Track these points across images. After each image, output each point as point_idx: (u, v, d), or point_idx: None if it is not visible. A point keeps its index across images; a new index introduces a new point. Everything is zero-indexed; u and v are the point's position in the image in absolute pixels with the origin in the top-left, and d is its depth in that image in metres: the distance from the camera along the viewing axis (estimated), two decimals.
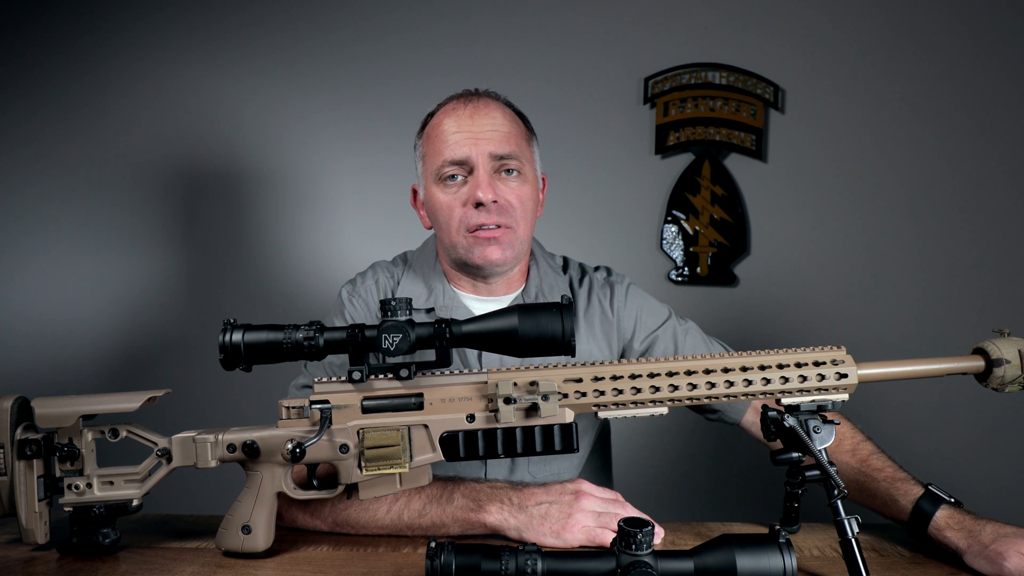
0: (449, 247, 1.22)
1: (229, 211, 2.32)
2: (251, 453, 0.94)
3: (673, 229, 2.30)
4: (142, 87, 2.30)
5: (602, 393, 0.91)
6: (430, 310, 1.24)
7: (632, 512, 1.02)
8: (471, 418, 0.92)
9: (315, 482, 0.98)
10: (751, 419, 1.24)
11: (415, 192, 1.31)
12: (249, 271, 2.32)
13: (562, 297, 0.92)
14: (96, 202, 2.30)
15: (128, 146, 2.30)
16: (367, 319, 1.24)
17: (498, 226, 1.17)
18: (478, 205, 1.16)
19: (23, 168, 2.29)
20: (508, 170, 1.19)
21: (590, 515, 0.99)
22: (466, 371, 0.94)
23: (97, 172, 2.30)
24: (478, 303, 1.26)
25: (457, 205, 1.18)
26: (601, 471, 1.39)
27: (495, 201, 1.16)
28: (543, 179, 1.31)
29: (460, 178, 1.18)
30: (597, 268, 1.37)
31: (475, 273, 1.23)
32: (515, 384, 0.91)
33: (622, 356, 1.31)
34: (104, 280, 2.30)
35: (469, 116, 1.18)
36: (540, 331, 0.89)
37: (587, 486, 1.04)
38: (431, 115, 1.26)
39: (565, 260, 1.38)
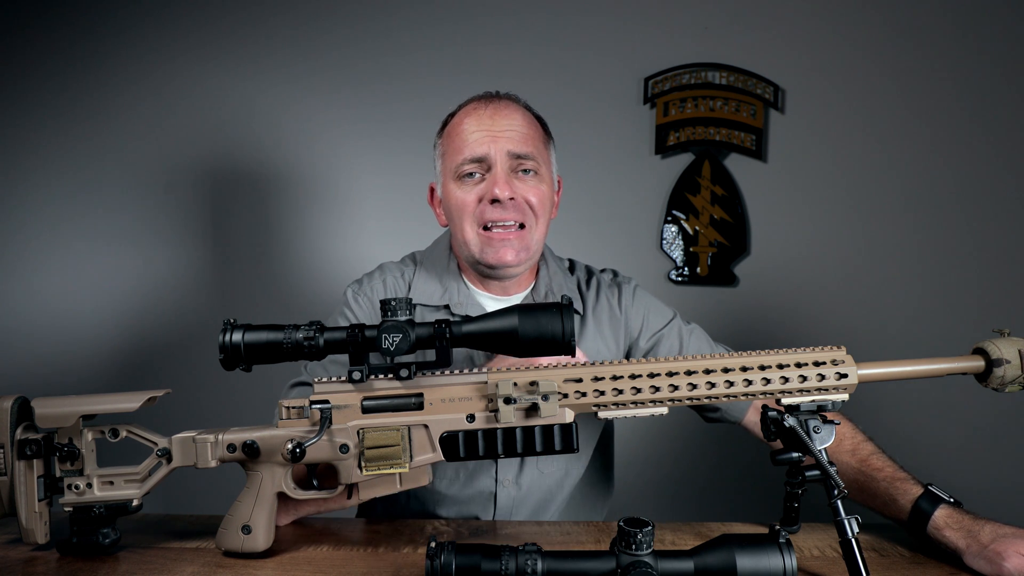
0: (462, 244, 1.23)
1: (229, 211, 2.32)
2: (251, 453, 0.94)
3: (673, 229, 2.30)
4: (145, 85, 2.30)
5: (602, 393, 0.91)
6: (445, 307, 1.25)
7: None
8: (471, 418, 0.92)
9: (315, 482, 0.98)
10: (753, 418, 1.25)
11: (432, 190, 1.32)
12: (249, 271, 2.32)
13: (562, 297, 0.92)
14: (97, 202, 2.30)
15: (129, 146, 2.30)
16: (372, 317, 1.25)
17: (514, 223, 1.19)
18: (494, 202, 1.17)
19: (23, 168, 2.29)
20: (525, 170, 1.20)
21: None
22: (466, 371, 0.94)
23: (98, 172, 2.30)
24: (492, 301, 1.27)
25: (473, 201, 1.19)
26: (603, 471, 1.40)
27: (512, 198, 1.17)
28: (559, 181, 1.32)
29: (478, 175, 1.20)
30: (603, 270, 1.38)
31: (487, 273, 1.24)
32: (515, 384, 0.91)
33: (628, 355, 1.31)
34: (104, 280, 2.30)
35: (490, 116, 1.20)
36: (540, 331, 0.89)
37: None
38: (452, 115, 1.27)
39: (571, 262, 1.40)
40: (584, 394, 0.91)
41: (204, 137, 2.31)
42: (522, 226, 1.20)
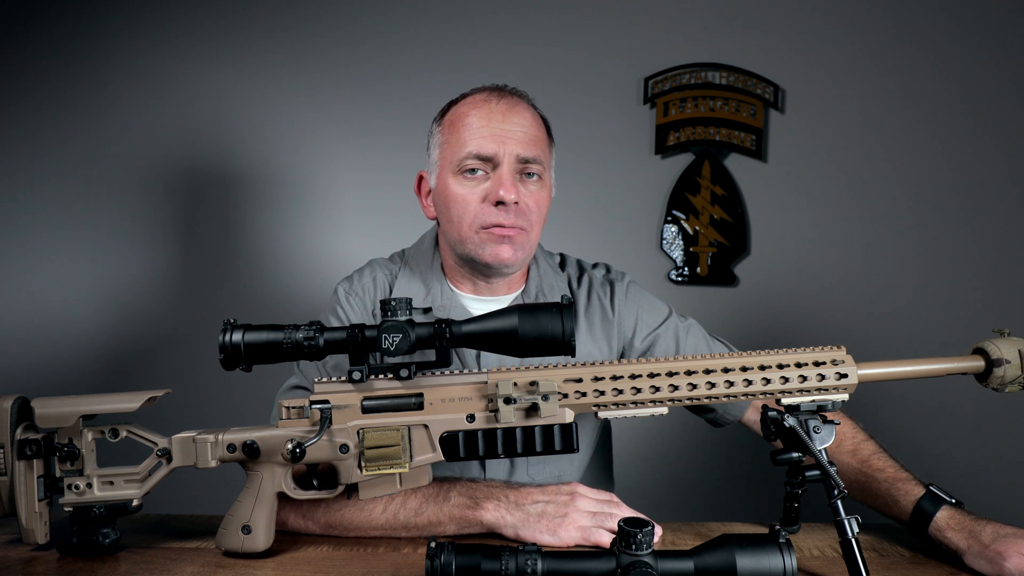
0: (457, 242, 1.18)
1: (228, 211, 2.32)
2: (251, 453, 0.94)
3: (673, 229, 2.30)
4: (140, 87, 2.30)
5: (602, 393, 0.91)
6: (427, 310, 1.22)
7: (627, 512, 1.02)
8: (471, 418, 0.92)
9: (315, 482, 0.98)
10: (752, 416, 1.24)
11: (421, 179, 1.27)
12: (249, 271, 2.32)
13: (562, 297, 0.91)
14: (95, 202, 2.30)
15: (127, 146, 2.30)
16: (364, 317, 1.23)
17: (514, 227, 1.15)
18: (498, 203, 1.13)
19: (23, 168, 2.29)
20: (530, 173, 1.17)
21: (585, 515, 1.00)
22: (466, 371, 0.94)
23: (96, 172, 2.30)
24: (477, 303, 1.24)
25: (475, 200, 1.15)
26: (602, 471, 1.39)
27: (516, 202, 1.14)
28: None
29: (481, 173, 1.15)
30: (595, 265, 1.35)
31: (480, 271, 1.20)
32: (515, 384, 0.91)
33: (623, 355, 1.29)
34: (104, 280, 2.30)
35: (501, 113, 1.15)
36: (540, 331, 0.89)
37: (582, 488, 1.04)
38: (454, 103, 1.22)
39: (562, 257, 1.36)
40: (584, 394, 0.91)
41: (200, 140, 2.31)
42: (522, 229, 1.17)
